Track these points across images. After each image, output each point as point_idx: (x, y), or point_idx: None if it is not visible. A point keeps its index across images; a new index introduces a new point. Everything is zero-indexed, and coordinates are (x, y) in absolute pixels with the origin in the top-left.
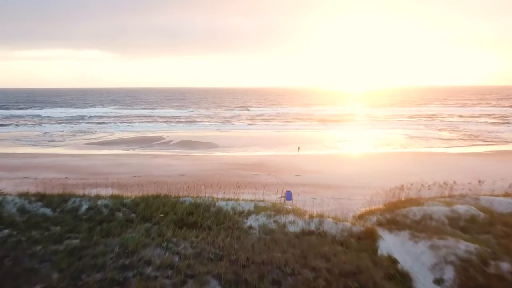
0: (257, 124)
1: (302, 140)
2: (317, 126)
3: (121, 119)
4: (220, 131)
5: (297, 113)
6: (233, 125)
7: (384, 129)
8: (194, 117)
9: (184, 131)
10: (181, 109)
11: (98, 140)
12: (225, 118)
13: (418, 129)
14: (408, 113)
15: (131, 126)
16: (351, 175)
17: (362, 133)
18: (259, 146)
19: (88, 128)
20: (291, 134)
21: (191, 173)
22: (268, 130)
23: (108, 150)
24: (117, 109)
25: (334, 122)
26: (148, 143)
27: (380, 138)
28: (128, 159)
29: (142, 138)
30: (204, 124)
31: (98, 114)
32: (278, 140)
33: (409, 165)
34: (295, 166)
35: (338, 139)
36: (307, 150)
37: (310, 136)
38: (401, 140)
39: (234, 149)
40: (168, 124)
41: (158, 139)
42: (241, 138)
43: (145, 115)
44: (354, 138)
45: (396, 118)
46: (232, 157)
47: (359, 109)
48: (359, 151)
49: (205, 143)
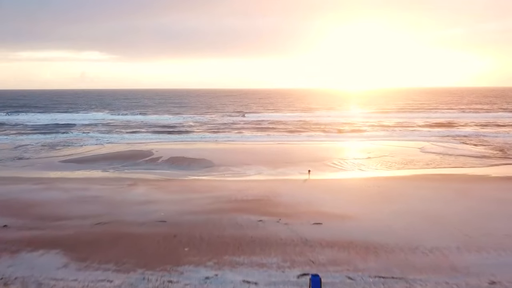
0: (258, 134)
1: (310, 156)
2: (324, 138)
3: (112, 127)
4: (217, 142)
5: (301, 120)
6: (231, 136)
7: (399, 140)
8: (189, 126)
9: (177, 142)
10: (177, 114)
11: (78, 156)
12: (223, 126)
13: (438, 141)
14: (420, 120)
15: (122, 136)
16: (390, 222)
17: (376, 146)
18: (262, 165)
19: (75, 138)
20: (296, 148)
21: (174, 219)
22: (270, 142)
23: (84, 171)
24: (111, 114)
25: (341, 133)
26: (133, 160)
27: (400, 153)
28: (101, 188)
29: (129, 153)
30: (200, 134)
31: (90, 120)
32: (282, 156)
33: (456, 202)
34: (310, 202)
35: (350, 155)
36: (319, 172)
37: (318, 150)
38: (425, 157)
39: (232, 169)
40: (160, 135)
41: (147, 154)
42: (240, 152)
43: (138, 123)
44: (369, 154)
45: (408, 126)
46: (229, 185)
47: (366, 115)
48: (382, 174)
49: (198, 161)
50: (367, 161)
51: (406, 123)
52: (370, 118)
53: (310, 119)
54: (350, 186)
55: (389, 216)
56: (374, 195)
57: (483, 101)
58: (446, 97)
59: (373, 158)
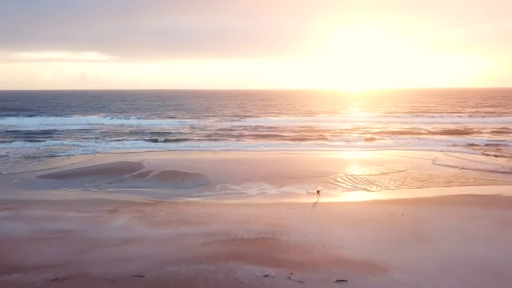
0: (258, 142)
1: (316, 170)
2: (328, 147)
3: (104, 133)
4: (214, 152)
5: (303, 126)
6: (230, 144)
7: (409, 150)
8: (185, 132)
9: (171, 152)
10: (173, 118)
11: (60, 170)
12: (221, 132)
13: (451, 150)
14: (428, 125)
15: (112, 144)
16: (434, 275)
17: (385, 157)
18: (264, 181)
19: (61, 147)
20: (300, 158)
21: (155, 271)
22: (272, 151)
23: (61, 191)
24: (105, 117)
25: (347, 141)
26: (120, 175)
27: (413, 166)
28: (74, 217)
29: (117, 166)
30: (196, 142)
31: (81, 125)
32: (286, 169)
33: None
34: (326, 242)
35: (360, 169)
36: (329, 192)
37: (324, 162)
38: (443, 172)
39: (230, 187)
40: (154, 143)
41: (136, 167)
42: (240, 164)
43: (132, 129)
44: (380, 167)
45: (417, 134)
46: (228, 213)
47: (370, 119)
48: (402, 195)
49: (192, 176)
50: (381, 178)
51: (414, 129)
52: (375, 123)
53: (313, 124)
54: (370, 214)
55: (430, 265)
56: (402, 229)
57: (490, 104)
58: (450, 99)
59: (387, 174)
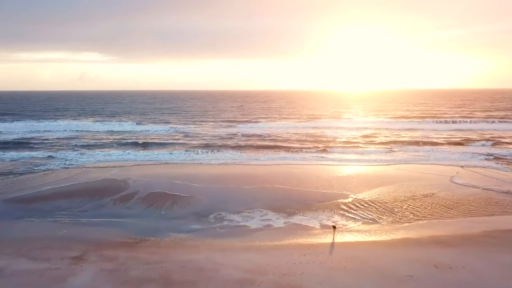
0: (258, 153)
1: (325, 191)
2: (337, 160)
3: (91, 142)
4: (210, 165)
5: (307, 133)
6: (228, 155)
7: (429, 164)
8: (180, 140)
9: (162, 166)
10: (168, 124)
11: (31, 191)
12: (218, 141)
13: (479, 166)
14: (443, 132)
15: (101, 155)
16: None
17: (400, 173)
18: (267, 208)
19: (40, 160)
20: (305, 174)
21: None
22: (273, 165)
23: (23, 222)
24: (97, 122)
25: (356, 153)
26: (100, 199)
27: (438, 185)
28: (21, 271)
29: (98, 186)
30: (190, 152)
31: (69, 132)
32: (292, 192)
33: None
34: None
35: (377, 192)
36: (347, 225)
37: (333, 179)
38: (476, 196)
39: (227, 217)
40: (144, 154)
41: (120, 187)
42: (238, 182)
43: (123, 136)
44: (397, 187)
45: (433, 142)
46: (221, 265)
47: (379, 125)
48: (436, 232)
49: (184, 200)
50: (403, 204)
51: (427, 137)
52: (384, 130)
53: (317, 131)
54: (407, 265)
55: None
56: None
57: (500, 107)
58: (454, 100)
59: (408, 198)
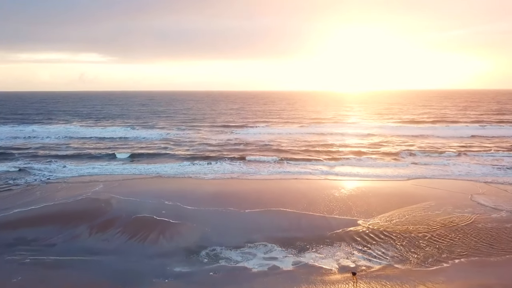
0: (258, 165)
1: (337, 217)
2: (343, 174)
3: (82, 151)
4: (205, 180)
5: (311, 140)
6: (224, 167)
7: (440, 178)
8: (173, 149)
9: (152, 181)
10: (164, 129)
11: None
12: (215, 149)
13: (506, 182)
14: (457, 139)
15: (86, 167)
16: None
17: (423, 192)
18: (271, 239)
19: (11, 173)
20: (312, 191)
21: None
22: (275, 179)
23: None
24: (91, 127)
25: (365, 166)
26: (74, 227)
27: (464, 205)
28: None
29: (76, 209)
30: (184, 164)
31: (54, 139)
32: (300, 218)
33: None
34: None
35: (397, 215)
36: (368, 268)
37: (344, 198)
38: (509, 222)
39: (222, 254)
40: (132, 165)
41: (101, 210)
42: (235, 202)
43: (112, 143)
44: (414, 209)
45: (449, 151)
46: None
47: (388, 131)
48: (485, 277)
49: (172, 228)
50: (429, 236)
51: (439, 145)
52: (395, 137)
53: (321, 138)
54: None
55: None
56: None
57: (507, 109)
58: (460, 102)
59: (436, 228)
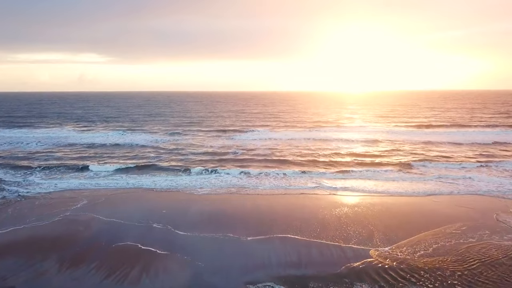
0: (260, 178)
1: (353, 245)
2: (353, 189)
3: (66, 161)
4: (198, 195)
5: (312, 147)
6: (221, 180)
7: (470, 194)
8: (168, 157)
9: (141, 196)
10: (156, 134)
11: None
12: (211, 157)
13: None
14: (472, 147)
15: (68, 179)
16: None
17: (444, 211)
18: (281, 283)
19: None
20: (320, 208)
21: None
22: (279, 194)
23: None
24: (83, 131)
25: (376, 179)
26: (42, 260)
27: (499, 229)
28: None
29: (48, 233)
30: (178, 176)
31: (42, 144)
32: (311, 247)
33: None
34: None
35: (424, 240)
36: None
37: (357, 220)
38: None
39: None
40: (118, 177)
41: (78, 237)
42: (237, 227)
43: (103, 151)
44: (449, 237)
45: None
46: None
47: (397, 136)
48: None
49: (160, 262)
50: (464, 277)
51: (452, 153)
52: (401, 143)
53: (326, 145)
54: None
55: None
56: None
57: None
58: (464, 103)
59: (474, 263)
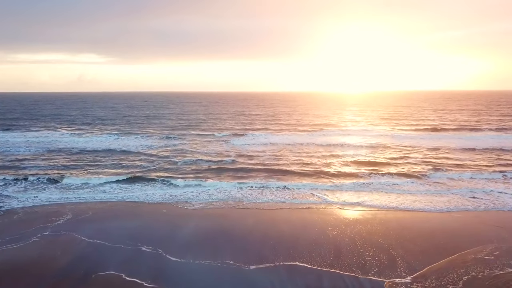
0: (261, 191)
1: (372, 277)
2: (365, 204)
3: (54, 170)
4: (196, 208)
5: (316, 154)
6: (219, 191)
7: (496, 209)
8: (162, 166)
9: (130, 210)
10: (151, 137)
11: None
12: (208, 164)
13: None
14: (488, 153)
15: (52, 190)
16: None
17: (471, 230)
18: None
19: None
20: (328, 225)
21: None
22: (284, 208)
23: None
24: (76, 135)
25: (390, 191)
26: None
27: None
28: None
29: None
30: (172, 187)
31: (33, 149)
32: (323, 278)
33: None
34: None
35: (455, 266)
36: None
37: (374, 241)
38: None
39: None
40: (108, 190)
41: (55, 263)
42: (237, 252)
43: (95, 158)
44: (487, 264)
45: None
46: None
47: (402, 141)
48: None
49: None
50: None
51: (469, 161)
52: (410, 148)
53: (330, 151)
54: None
55: None
56: None
57: None
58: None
59: None
